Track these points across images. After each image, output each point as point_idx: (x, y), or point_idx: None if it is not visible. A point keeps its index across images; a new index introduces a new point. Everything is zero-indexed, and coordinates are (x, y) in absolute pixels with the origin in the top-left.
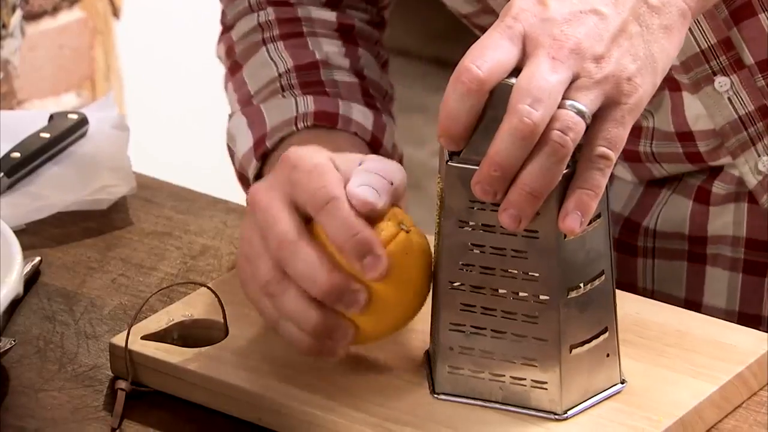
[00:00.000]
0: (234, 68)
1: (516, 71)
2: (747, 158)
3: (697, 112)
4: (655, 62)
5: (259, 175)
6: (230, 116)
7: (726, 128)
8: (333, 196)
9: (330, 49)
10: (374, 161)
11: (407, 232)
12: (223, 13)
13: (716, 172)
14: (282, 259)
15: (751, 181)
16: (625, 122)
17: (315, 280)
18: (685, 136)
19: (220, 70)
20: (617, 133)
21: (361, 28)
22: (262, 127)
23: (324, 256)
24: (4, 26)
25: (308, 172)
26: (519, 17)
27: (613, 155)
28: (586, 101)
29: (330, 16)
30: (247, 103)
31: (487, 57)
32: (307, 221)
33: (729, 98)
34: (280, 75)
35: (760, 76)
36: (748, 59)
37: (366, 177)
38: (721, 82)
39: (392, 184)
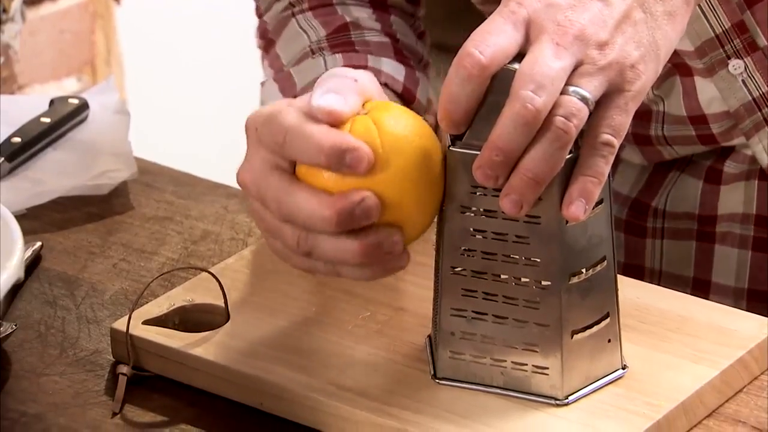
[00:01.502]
0: (268, 46)
1: (519, 56)
2: (761, 138)
3: (710, 96)
4: (659, 49)
5: None
6: (262, 83)
7: (740, 110)
8: (286, 127)
9: (360, 14)
10: (334, 69)
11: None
12: (257, 7)
13: (727, 152)
14: (287, 216)
15: (765, 159)
16: (628, 109)
17: (321, 216)
18: (698, 119)
19: (221, 54)
20: (621, 120)
21: (395, 1)
22: (293, 89)
23: (319, 191)
24: (5, 11)
25: (265, 123)
26: (523, 2)
27: (617, 142)
28: (590, 88)
29: None
30: (279, 71)
31: (490, 42)
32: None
33: (743, 80)
34: (311, 43)
35: None
36: (762, 41)
37: (326, 84)
38: (735, 65)
39: (356, 80)
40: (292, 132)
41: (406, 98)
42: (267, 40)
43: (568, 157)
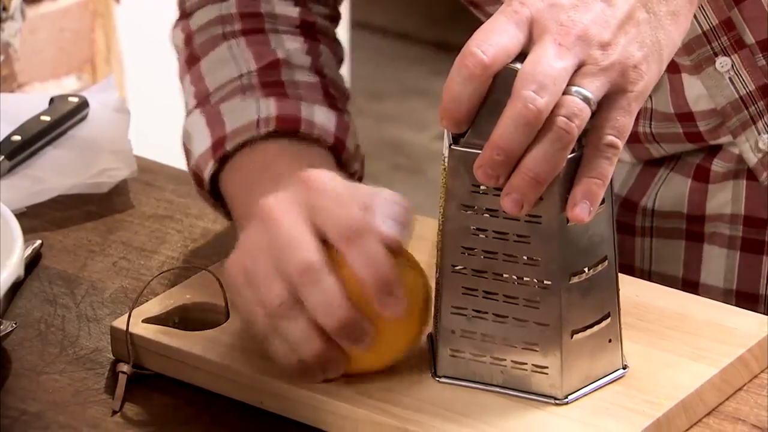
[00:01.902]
0: (191, 60)
1: (522, 56)
2: (747, 136)
3: (697, 93)
4: (661, 49)
5: (214, 178)
6: (187, 113)
7: (727, 108)
8: (362, 228)
9: (292, 46)
10: (388, 193)
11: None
12: (181, 1)
13: (715, 150)
14: (301, 285)
15: (752, 158)
16: (631, 110)
17: (332, 313)
18: (685, 116)
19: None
20: (624, 122)
21: (321, 24)
22: (221, 129)
23: (344, 290)
24: (5, 9)
25: (335, 199)
26: (526, 2)
27: (621, 144)
28: (592, 88)
29: (292, 11)
30: (204, 101)
31: (492, 41)
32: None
33: (730, 78)
34: (241, 75)
35: (760, 55)
36: (749, 39)
37: (390, 208)
38: (722, 63)
39: (409, 216)
40: (365, 238)
41: (337, 149)
42: (190, 53)
43: (569, 156)
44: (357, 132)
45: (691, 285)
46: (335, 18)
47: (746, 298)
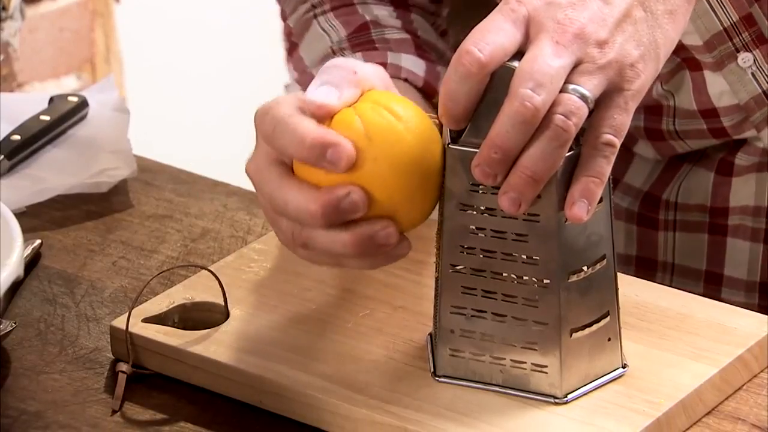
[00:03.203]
0: (292, 49)
1: (519, 54)
2: None
3: (720, 89)
4: (658, 48)
5: None
6: (286, 86)
7: (750, 103)
8: (276, 119)
9: (380, 12)
10: (336, 59)
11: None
12: (282, 11)
13: (739, 144)
14: (279, 210)
15: None
16: (628, 108)
17: (308, 210)
18: (709, 113)
19: (220, 53)
20: (622, 120)
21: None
22: None
23: (306, 185)
24: (5, 8)
25: (263, 116)
26: (523, 0)
27: (618, 142)
28: (590, 86)
29: None
30: (303, 75)
31: (489, 40)
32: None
33: (752, 73)
34: (332, 43)
35: None
36: None
37: (323, 76)
38: (745, 58)
39: (355, 72)
40: (279, 124)
41: (426, 92)
42: (291, 43)
43: (567, 154)
44: None
45: (714, 278)
46: (438, 1)
47: None
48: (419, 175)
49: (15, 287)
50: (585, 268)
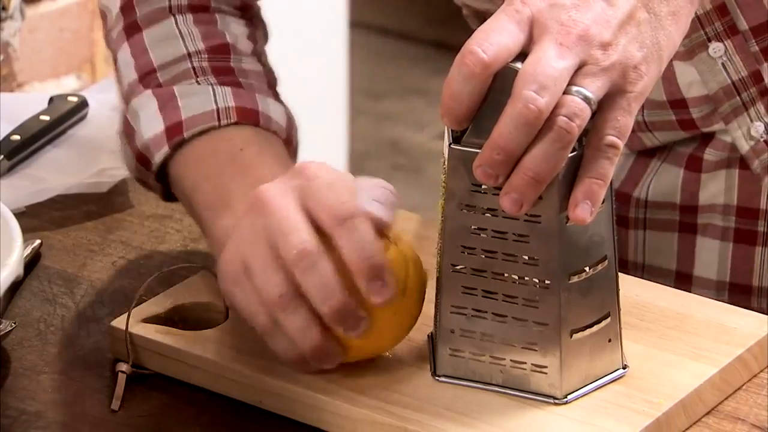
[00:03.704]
0: (131, 29)
1: (522, 55)
2: (740, 124)
3: (690, 79)
4: (661, 50)
5: (164, 164)
6: (127, 89)
7: (719, 94)
8: (353, 213)
9: (237, 30)
10: (372, 179)
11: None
12: None
13: (707, 139)
14: (300, 270)
15: (744, 146)
16: (631, 110)
17: (329, 297)
18: (678, 103)
19: None
20: (625, 122)
21: (257, 8)
22: (176, 114)
23: (339, 274)
24: (4, 8)
25: (329, 185)
26: (527, 1)
27: (621, 144)
28: (593, 88)
29: None
30: (149, 77)
31: (493, 40)
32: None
33: (723, 64)
34: (190, 54)
35: (753, 41)
36: (743, 24)
37: (375, 191)
38: (716, 48)
39: (394, 198)
40: (354, 222)
41: (288, 142)
42: (132, 22)
43: (569, 155)
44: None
45: (684, 278)
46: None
47: (740, 290)
48: (410, 320)
49: (15, 287)
50: (586, 268)
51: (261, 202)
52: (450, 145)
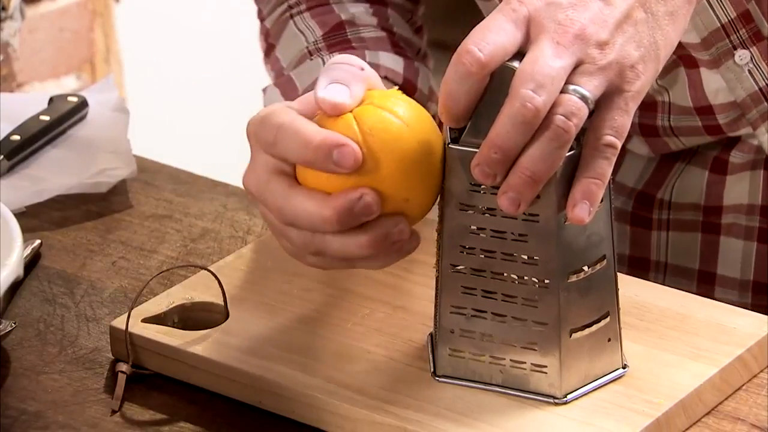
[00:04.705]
0: (269, 50)
1: (519, 55)
2: (767, 128)
3: (716, 87)
4: (658, 50)
5: None
6: (264, 90)
7: (747, 100)
8: (277, 125)
9: (356, 10)
10: (340, 56)
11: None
12: (259, 10)
13: (733, 142)
14: (289, 221)
15: None
16: (628, 109)
17: (322, 217)
18: (704, 110)
19: (220, 52)
20: (622, 121)
21: None
22: (295, 93)
23: (315, 192)
24: (4, 8)
25: (260, 125)
26: (524, 0)
27: (619, 143)
28: (590, 87)
29: None
30: (279, 76)
31: (489, 40)
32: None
33: (749, 71)
34: (308, 45)
35: None
36: (767, 30)
37: (332, 73)
38: (741, 56)
39: (362, 69)
40: (281, 130)
41: (406, 89)
42: (268, 45)
43: (567, 154)
44: (431, 77)
45: (707, 276)
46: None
47: (763, 289)
48: (422, 167)
49: (15, 287)
50: (585, 268)
51: (246, 190)
52: (448, 144)
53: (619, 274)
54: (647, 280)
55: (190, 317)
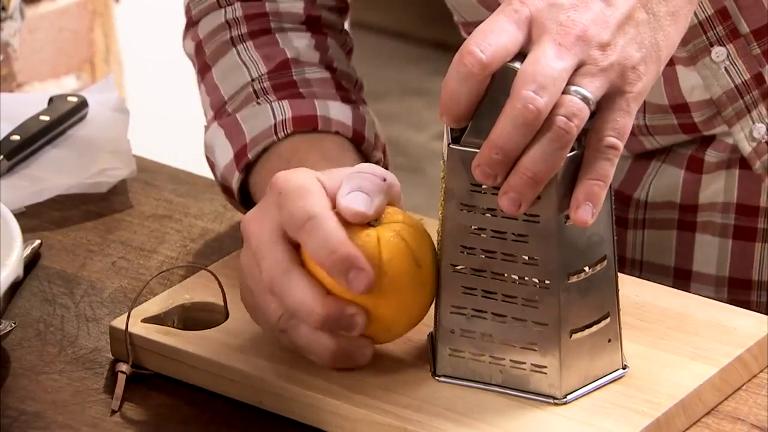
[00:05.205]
0: (204, 69)
1: (521, 55)
2: (742, 126)
3: (692, 84)
4: (660, 50)
5: (243, 186)
6: (206, 125)
7: (722, 98)
8: (311, 214)
9: (299, 43)
10: (364, 165)
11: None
12: (188, 6)
13: (708, 140)
14: (277, 294)
15: (746, 148)
16: (630, 110)
17: (311, 311)
18: (680, 107)
19: None
20: (624, 123)
21: (327, 17)
22: (241, 138)
23: (316, 284)
24: (4, 8)
25: (291, 194)
26: (526, 1)
27: (621, 145)
28: (591, 88)
29: (297, 7)
30: (221, 111)
31: (491, 40)
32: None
33: (725, 68)
34: (252, 80)
35: (755, 44)
36: (744, 28)
37: (356, 181)
38: (718, 53)
39: (385, 180)
40: (312, 223)
41: (356, 141)
42: (203, 62)
43: (568, 155)
44: (376, 122)
45: (683, 273)
46: (343, 9)
47: (739, 285)
48: (419, 309)
49: (14, 287)
50: (585, 268)
51: (243, 232)
52: (449, 145)
53: (619, 274)
54: None
55: (190, 317)
